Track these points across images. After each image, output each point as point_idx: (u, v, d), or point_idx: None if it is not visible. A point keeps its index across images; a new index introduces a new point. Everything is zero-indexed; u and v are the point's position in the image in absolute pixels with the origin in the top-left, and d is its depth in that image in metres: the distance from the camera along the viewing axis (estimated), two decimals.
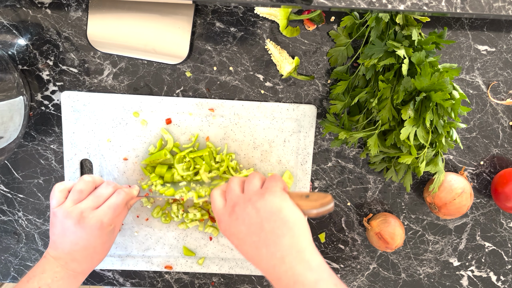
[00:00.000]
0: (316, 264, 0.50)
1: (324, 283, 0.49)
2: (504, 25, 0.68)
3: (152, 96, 0.68)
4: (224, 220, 0.56)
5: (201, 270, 0.74)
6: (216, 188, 0.60)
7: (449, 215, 0.69)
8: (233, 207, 0.55)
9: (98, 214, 0.61)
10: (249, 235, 0.53)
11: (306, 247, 0.51)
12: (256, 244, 0.52)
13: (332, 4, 0.56)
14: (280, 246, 0.51)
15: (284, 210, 0.52)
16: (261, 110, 0.69)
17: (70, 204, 0.61)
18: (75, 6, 0.67)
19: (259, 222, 0.52)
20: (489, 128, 0.72)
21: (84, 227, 0.60)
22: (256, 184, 0.56)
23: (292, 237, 0.51)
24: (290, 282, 0.49)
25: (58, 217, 0.61)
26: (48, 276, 0.60)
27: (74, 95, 0.68)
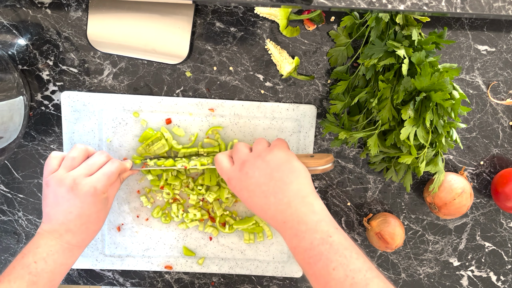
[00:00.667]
0: (319, 208, 0.55)
1: (325, 224, 0.54)
2: (504, 25, 0.68)
3: (152, 96, 0.68)
4: (234, 177, 0.59)
5: (201, 270, 0.74)
6: (220, 153, 0.63)
7: (449, 215, 0.69)
8: (243, 164, 0.58)
9: (91, 180, 0.60)
10: (259, 186, 0.57)
11: (310, 193, 0.56)
12: (265, 194, 0.56)
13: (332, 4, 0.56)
14: (287, 192, 0.56)
15: (292, 161, 0.58)
16: (261, 110, 0.69)
17: (62, 171, 0.61)
18: (75, 6, 0.67)
19: (268, 172, 0.57)
20: (489, 128, 0.72)
21: (77, 194, 0.60)
22: (264, 144, 0.60)
23: (298, 184, 0.56)
24: (295, 223, 0.54)
25: (50, 186, 0.61)
26: (43, 251, 0.59)
27: (74, 95, 0.68)
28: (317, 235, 0.53)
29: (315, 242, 0.53)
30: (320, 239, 0.53)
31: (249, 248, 0.74)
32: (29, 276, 0.58)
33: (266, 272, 0.74)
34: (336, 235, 0.53)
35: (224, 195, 0.70)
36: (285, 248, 0.74)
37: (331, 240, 0.52)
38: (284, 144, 0.60)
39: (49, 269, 0.59)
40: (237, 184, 0.59)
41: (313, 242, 0.53)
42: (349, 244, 0.53)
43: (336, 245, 0.52)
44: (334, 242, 0.52)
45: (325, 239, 0.53)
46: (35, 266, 0.58)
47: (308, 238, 0.53)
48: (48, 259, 0.59)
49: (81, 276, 0.76)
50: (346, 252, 0.52)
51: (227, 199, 0.71)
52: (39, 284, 0.58)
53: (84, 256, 0.73)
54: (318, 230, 0.53)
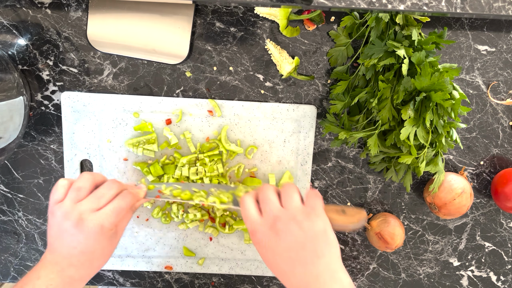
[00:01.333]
0: (347, 283, 0.53)
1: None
2: (504, 25, 0.68)
3: (152, 97, 0.68)
4: (262, 232, 0.55)
5: (201, 271, 0.74)
6: (246, 194, 0.58)
7: (449, 215, 0.69)
8: (274, 221, 0.54)
9: (98, 217, 0.57)
10: (287, 251, 0.53)
11: (339, 267, 0.53)
12: (292, 261, 0.53)
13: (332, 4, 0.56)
14: (318, 266, 0.52)
15: (328, 232, 0.54)
16: (261, 111, 0.69)
17: (69, 203, 0.57)
18: (75, 6, 0.67)
19: (302, 241, 0.53)
20: (489, 128, 0.72)
21: (82, 230, 0.56)
22: (297, 200, 0.56)
23: (330, 258, 0.53)
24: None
25: (56, 217, 0.58)
26: (43, 283, 0.56)
27: (74, 96, 0.68)
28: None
29: None
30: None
31: (249, 249, 0.74)
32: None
33: (267, 272, 0.74)
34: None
35: None
36: None
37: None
38: (320, 205, 0.56)
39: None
40: (263, 240, 0.55)
41: None
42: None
43: None
44: None
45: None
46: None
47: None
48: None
49: None
50: None
51: None
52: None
53: None
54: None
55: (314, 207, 0.55)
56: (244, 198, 0.57)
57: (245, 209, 0.57)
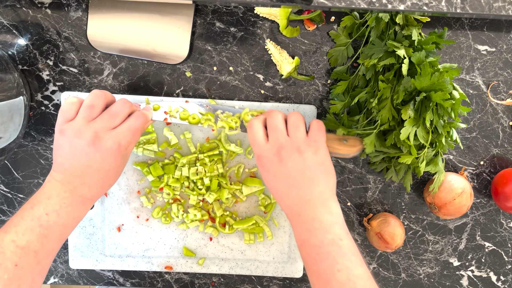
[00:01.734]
0: (336, 211, 0.57)
1: (338, 227, 0.55)
2: (504, 25, 0.68)
3: (152, 97, 0.68)
4: (267, 157, 0.58)
5: (201, 271, 0.74)
6: (254, 119, 0.61)
7: (449, 215, 0.69)
8: (279, 149, 0.58)
9: (115, 135, 0.56)
10: (287, 177, 0.57)
11: (331, 196, 0.57)
12: (289, 185, 0.57)
13: (332, 4, 0.56)
14: (311, 192, 0.57)
15: (326, 163, 0.58)
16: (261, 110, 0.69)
17: (81, 121, 0.55)
18: (75, 6, 0.67)
19: (301, 168, 0.57)
20: (489, 128, 0.72)
21: (99, 149, 0.55)
22: (302, 130, 0.59)
23: (324, 186, 0.57)
24: (309, 218, 0.55)
25: (67, 136, 0.55)
26: (56, 202, 0.54)
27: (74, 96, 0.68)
28: (329, 235, 0.54)
29: (326, 241, 0.54)
30: (331, 240, 0.54)
31: (249, 249, 0.74)
32: (40, 228, 0.53)
33: (267, 273, 0.74)
34: (346, 239, 0.55)
35: (224, 196, 0.70)
36: (285, 249, 0.74)
37: (341, 243, 0.54)
38: (323, 138, 0.59)
39: (61, 222, 0.55)
40: (267, 165, 0.58)
41: (324, 241, 0.54)
42: (356, 251, 0.55)
43: (345, 249, 0.54)
44: (343, 246, 0.54)
45: (336, 241, 0.54)
46: (47, 218, 0.54)
47: (319, 235, 0.54)
48: (61, 212, 0.55)
49: (81, 276, 0.76)
50: (352, 257, 0.53)
51: (227, 199, 0.71)
52: (49, 238, 0.54)
53: (84, 256, 0.73)
54: (330, 231, 0.54)
55: (317, 139, 0.58)
56: (252, 123, 0.60)
57: (252, 134, 0.60)
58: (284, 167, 0.57)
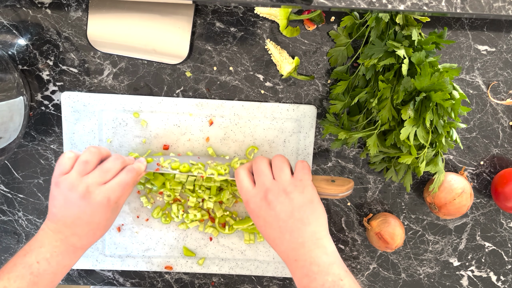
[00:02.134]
0: (331, 250, 0.57)
1: (337, 267, 0.55)
2: (504, 25, 0.68)
3: (152, 97, 0.68)
4: (255, 202, 0.59)
5: (201, 271, 0.74)
6: (241, 167, 0.62)
7: (449, 215, 0.69)
8: (266, 192, 0.58)
9: (105, 190, 0.58)
10: (277, 220, 0.57)
11: (325, 236, 0.57)
12: (281, 229, 0.57)
13: (332, 4, 0.56)
14: (304, 233, 0.57)
15: (314, 201, 0.58)
16: (261, 111, 0.69)
17: (75, 175, 0.58)
18: (75, 6, 0.67)
19: (290, 210, 0.57)
20: (489, 128, 0.72)
21: (89, 203, 0.58)
22: (287, 172, 0.60)
23: (316, 226, 0.57)
24: (307, 263, 0.55)
25: (61, 188, 0.58)
26: (47, 251, 0.57)
27: (74, 96, 0.68)
28: (329, 278, 0.54)
29: (327, 284, 0.54)
30: (331, 282, 0.54)
31: (249, 249, 0.74)
32: (31, 276, 0.57)
33: (266, 273, 0.74)
34: (346, 278, 0.55)
35: (225, 197, 0.70)
36: None
37: (342, 283, 0.54)
38: (309, 177, 0.60)
39: (51, 271, 0.58)
40: (255, 210, 0.59)
41: (325, 284, 0.54)
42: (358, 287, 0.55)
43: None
44: (345, 286, 0.54)
45: (337, 282, 0.54)
46: (37, 266, 0.57)
47: (319, 279, 0.54)
48: (51, 260, 0.58)
49: (81, 276, 0.76)
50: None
51: (227, 200, 0.71)
52: (39, 285, 0.57)
53: (85, 256, 0.73)
54: (330, 272, 0.54)
55: (302, 179, 0.59)
56: (238, 170, 0.62)
57: (239, 181, 0.61)
58: (273, 211, 0.58)
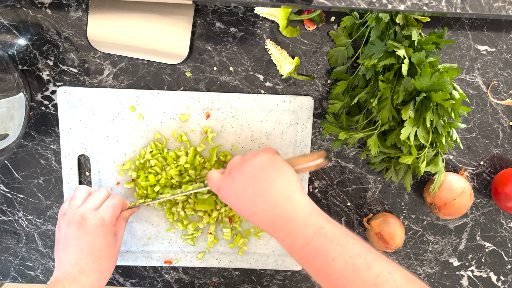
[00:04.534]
0: (305, 203, 0.55)
1: (315, 217, 0.53)
2: (504, 25, 0.68)
3: (148, 90, 0.68)
4: (222, 185, 0.59)
5: (200, 265, 0.74)
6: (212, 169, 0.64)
7: (449, 215, 0.69)
8: (230, 171, 0.59)
9: (98, 212, 0.62)
10: (245, 189, 0.57)
11: (295, 191, 0.56)
12: (251, 197, 0.56)
13: (332, 4, 0.56)
14: (272, 192, 0.55)
15: (275, 161, 0.57)
16: (258, 103, 0.69)
17: (69, 211, 0.63)
18: (75, 6, 0.67)
19: (253, 175, 0.56)
20: (489, 128, 0.72)
21: (87, 229, 0.61)
22: (254, 152, 0.60)
23: (282, 183, 0.56)
24: (284, 222, 0.54)
25: (61, 229, 0.62)
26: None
27: (70, 91, 0.68)
28: (309, 230, 0.52)
29: (309, 237, 0.52)
30: (313, 233, 0.52)
31: (249, 242, 0.74)
32: None
33: (267, 266, 0.74)
34: (328, 225, 0.52)
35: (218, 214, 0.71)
36: None
37: (324, 231, 0.52)
38: (270, 149, 0.60)
39: None
40: (225, 191, 0.59)
41: (307, 237, 0.52)
42: (343, 232, 0.52)
43: (330, 235, 0.51)
44: (327, 233, 0.51)
45: (318, 231, 0.52)
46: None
47: (300, 235, 0.52)
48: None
49: None
50: (341, 240, 0.51)
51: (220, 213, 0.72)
52: None
53: None
54: (308, 224, 0.52)
55: (263, 149, 0.60)
56: (210, 171, 0.63)
57: (209, 176, 0.61)
58: (239, 182, 0.57)
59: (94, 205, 0.64)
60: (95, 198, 0.65)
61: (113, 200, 0.65)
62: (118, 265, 0.75)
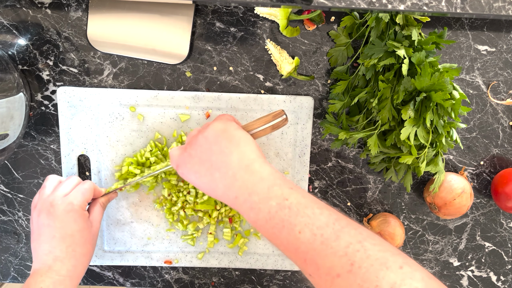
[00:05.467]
0: (267, 173, 0.51)
1: (278, 188, 0.49)
2: (504, 25, 0.68)
3: (149, 90, 0.68)
4: (180, 162, 0.56)
5: (200, 265, 0.74)
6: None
7: (449, 215, 0.69)
8: (186, 146, 0.56)
9: (67, 198, 0.61)
10: (202, 164, 0.53)
11: (254, 160, 0.52)
12: (209, 171, 0.53)
13: (332, 4, 0.56)
14: (230, 164, 0.52)
15: (229, 130, 0.54)
16: (258, 103, 0.69)
17: (40, 201, 0.62)
18: (75, 6, 0.67)
19: (208, 147, 0.53)
20: (489, 128, 0.72)
21: (56, 216, 0.60)
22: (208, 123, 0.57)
23: (239, 153, 0.52)
24: (246, 195, 0.50)
25: (33, 219, 0.62)
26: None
27: (70, 91, 0.68)
28: (273, 202, 0.48)
29: (273, 210, 0.48)
30: (277, 205, 0.48)
31: (249, 242, 0.74)
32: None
33: (266, 266, 0.74)
34: (292, 195, 0.48)
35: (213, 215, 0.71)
36: None
37: (288, 203, 0.48)
38: (223, 116, 0.57)
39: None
40: (184, 168, 0.56)
41: (271, 210, 0.48)
42: (309, 201, 0.48)
43: (295, 206, 0.48)
44: (292, 204, 0.48)
45: (282, 203, 0.48)
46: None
47: (264, 208, 0.49)
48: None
49: None
50: (307, 210, 0.47)
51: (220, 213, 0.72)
52: None
53: None
54: (272, 196, 0.49)
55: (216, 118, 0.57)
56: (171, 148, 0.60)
57: (170, 155, 0.58)
58: (195, 157, 0.54)
59: (63, 192, 0.62)
60: (65, 185, 0.63)
61: (83, 186, 0.63)
62: (118, 265, 0.75)
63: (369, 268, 0.42)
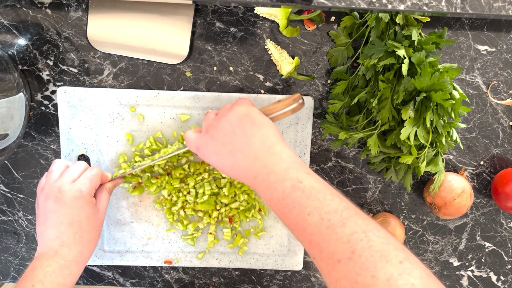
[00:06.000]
0: (287, 155, 0.54)
1: (294, 170, 0.52)
2: (504, 25, 0.68)
3: (148, 90, 0.68)
4: (201, 143, 0.58)
5: (200, 265, 0.74)
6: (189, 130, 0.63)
7: (449, 215, 0.69)
8: (207, 129, 0.58)
9: (75, 184, 0.61)
10: (225, 146, 0.56)
11: (275, 143, 0.55)
12: (231, 152, 0.55)
13: (332, 4, 0.56)
14: (252, 146, 0.54)
15: (251, 114, 0.56)
16: (258, 103, 0.69)
17: (47, 185, 0.62)
18: (75, 6, 0.67)
19: (231, 130, 0.55)
20: (489, 128, 0.72)
21: (64, 202, 0.60)
22: (228, 105, 0.59)
23: (261, 136, 0.55)
24: (264, 175, 0.53)
25: (40, 204, 0.61)
26: (39, 273, 0.58)
27: (70, 91, 0.68)
28: (288, 183, 0.51)
29: (287, 190, 0.51)
30: (291, 187, 0.51)
31: (249, 242, 0.74)
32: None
33: (266, 266, 0.74)
34: (307, 179, 0.51)
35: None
36: (284, 241, 0.74)
37: (302, 185, 0.50)
38: (244, 101, 0.59)
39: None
40: (205, 150, 0.57)
41: (285, 190, 0.51)
42: (322, 187, 0.51)
43: (308, 190, 0.50)
44: (305, 187, 0.50)
45: (296, 185, 0.51)
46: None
47: (279, 188, 0.51)
48: (45, 281, 0.58)
49: (81, 276, 0.76)
50: (319, 195, 0.50)
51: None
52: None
53: None
54: (287, 178, 0.51)
55: (236, 102, 0.58)
56: (187, 132, 0.61)
57: (186, 138, 0.60)
58: (217, 139, 0.56)
59: (71, 177, 0.62)
60: (72, 170, 0.63)
61: (91, 171, 0.63)
62: (118, 265, 0.75)
63: (369, 258, 0.44)
